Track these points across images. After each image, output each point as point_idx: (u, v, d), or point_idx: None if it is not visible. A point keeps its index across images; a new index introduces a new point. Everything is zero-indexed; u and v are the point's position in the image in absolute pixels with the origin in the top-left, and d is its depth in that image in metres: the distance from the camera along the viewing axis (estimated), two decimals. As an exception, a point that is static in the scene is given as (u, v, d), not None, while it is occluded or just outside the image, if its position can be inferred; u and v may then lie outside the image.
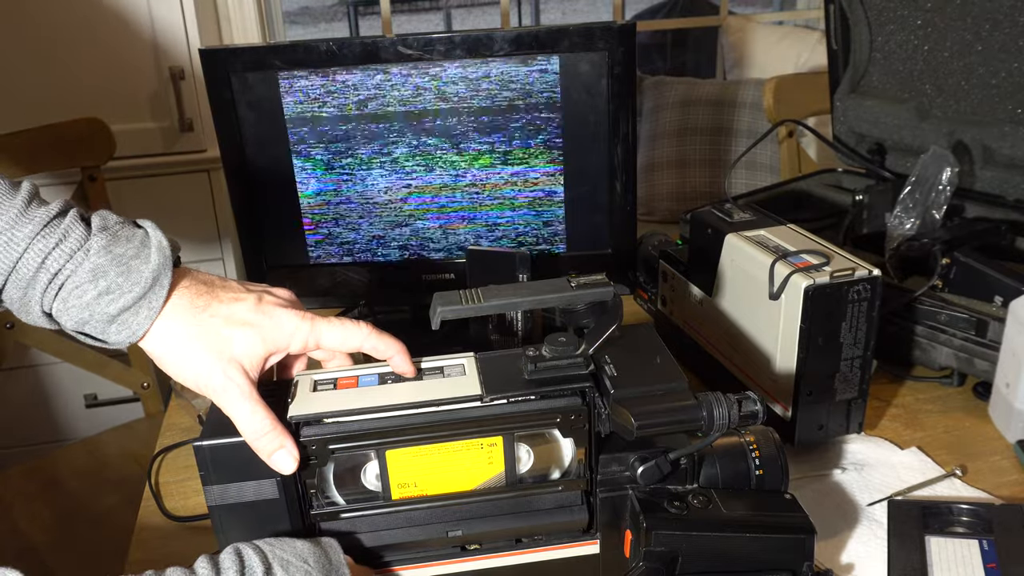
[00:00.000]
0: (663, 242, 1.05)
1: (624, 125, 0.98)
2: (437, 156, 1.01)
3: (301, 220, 1.04)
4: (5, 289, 0.55)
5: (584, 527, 0.64)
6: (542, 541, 0.64)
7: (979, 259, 0.96)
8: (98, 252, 0.55)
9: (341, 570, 0.56)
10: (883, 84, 1.24)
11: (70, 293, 0.55)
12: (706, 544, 0.60)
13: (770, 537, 0.61)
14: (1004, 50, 1.07)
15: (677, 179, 2.46)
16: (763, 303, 0.79)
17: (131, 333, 0.56)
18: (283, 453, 0.56)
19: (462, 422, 0.59)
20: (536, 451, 0.61)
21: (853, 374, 0.79)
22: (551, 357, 0.61)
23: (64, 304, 0.55)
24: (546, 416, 0.60)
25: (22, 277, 0.54)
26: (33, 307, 0.55)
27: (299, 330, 0.60)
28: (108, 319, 0.55)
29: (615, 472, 0.62)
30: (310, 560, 0.54)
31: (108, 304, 0.55)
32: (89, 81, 1.82)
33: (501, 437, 0.60)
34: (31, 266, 0.54)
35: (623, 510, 0.63)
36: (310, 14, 9.22)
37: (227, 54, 0.97)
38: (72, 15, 1.78)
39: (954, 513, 0.72)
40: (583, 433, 0.61)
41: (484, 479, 0.61)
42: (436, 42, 0.95)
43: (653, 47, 3.90)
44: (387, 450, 0.59)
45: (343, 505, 0.61)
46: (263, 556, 0.53)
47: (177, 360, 0.57)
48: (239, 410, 0.56)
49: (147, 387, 1.68)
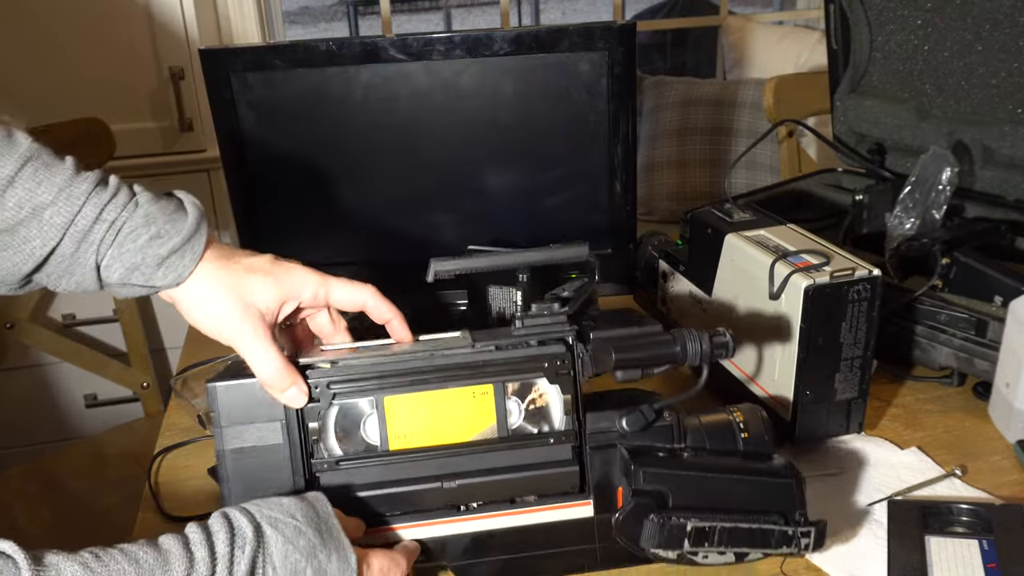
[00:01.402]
0: (663, 242, 1.05)
1: (624, 125, 0.98)
2: (437, 156, 1.01)
3: (301, 220, 1.04)
4: (60, 245, 0.59)
5: (576, 483, 0.66)
6: (535, 501, 0.66)
7: (979, 259, 0.96)
8: (147, 203, 0.61)
9: (329, 521, 0.58)
10: (883, 84, 1.24)
11: (125, 238, 0.60)
12: (694, 484, 0.63)
13: (757, 480, 0.64)
14: (1004, 50, 1.07)
15: (677, 179, 2.46)
16: (763, 303, 0.79)
17: (177, 276, 0.61)
18: (293, 390, 0.61)
19: (454, 367, 0.64)
20: (526, 408, 0.65)
21: (853, 374, 0.79)
22: (535, 314, 0.66)
23: (118, 250, 0.60)
24: (532, 362, 0.65)
25: (80, 229, 0.59)
26: (87, 259, 0.60)
27: (311, 281, 0.66)
28: (158, 262, 0.60)
29: (603, 429, 0.66)
30: (298, 515, 0.56)
31: (159, 247, 0.60)
32: (89, 81, 1.82)
33: (492, 386, 0.64)
34: (89, 217, 0.59)
35: (613, 469, 0.66)
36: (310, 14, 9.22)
37: (227, 54, 0.97)
38: (72, 15, 1.78)
39: (954, 513, 0.72)
40: (568, 380, 0.65)
41: (477, 431, 0.65)
42: (436, 42, 0.95)
43: (653, 47, 3.91)
44: (385, 396, 0.63)
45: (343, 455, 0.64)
46: (251, 516, 0.55)
47: (204, 304, 0.62)
48: (254, 349, 0.61)
49: (147, 387, 1.68)
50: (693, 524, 0.61)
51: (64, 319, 1.92)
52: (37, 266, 0.60)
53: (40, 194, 0.59)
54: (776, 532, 0.62)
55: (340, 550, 0.57)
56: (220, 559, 0.52)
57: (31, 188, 0.58)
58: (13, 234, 0.59)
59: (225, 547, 0.52)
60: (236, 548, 0.53)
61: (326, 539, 0.57)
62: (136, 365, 1.68)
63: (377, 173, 1.02)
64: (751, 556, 0.63)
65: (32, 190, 0.58)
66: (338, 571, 0.56)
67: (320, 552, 0.56)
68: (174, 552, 0.51)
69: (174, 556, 0.51)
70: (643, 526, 0.62)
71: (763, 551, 0.63)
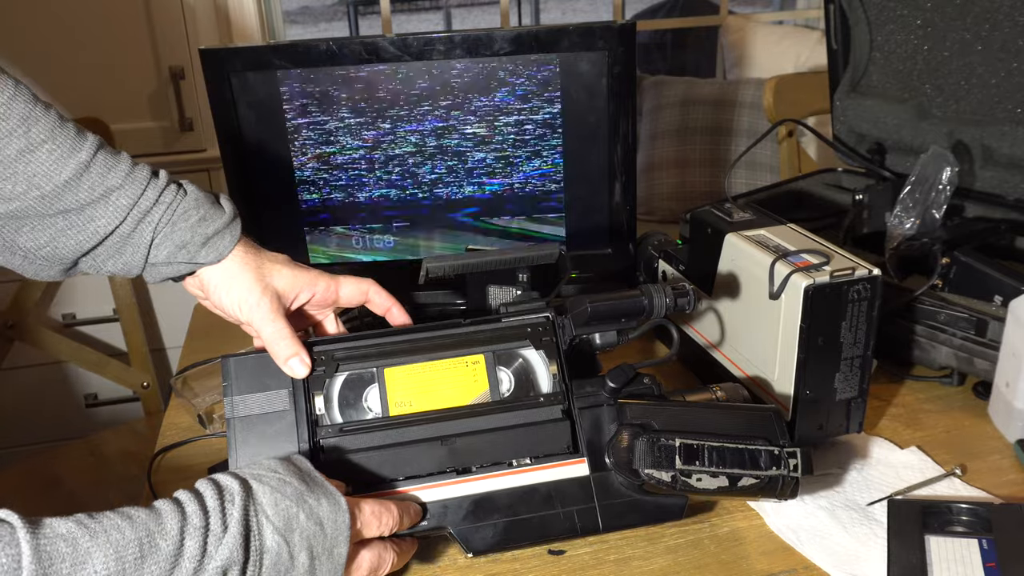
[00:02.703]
0: (663, 242, 1.05)
1: (624, 125, 0.98)
2: (437, 156, 1.01)
3: (301, 220, 1.04)
4: (122, 224, 0.67)
5: (568, 441, 0.69)
6: (532, 462, 0.69)
7: (979, 259, 0.96)
8: (193, 192, 0.70)
9: (312, 473, 0.62)
10: (883, 84, 1.24)
11: (179, 218, 0.68)
12: (679, 415, 0.69)
13: (739, 411, 0.71)
14: (1004, 50, 1.07)
15: (677, 179, 2.46)
16: (763, 303, 0.79)
17: (218, 254, 0.69)
18: (297, 360, 0.68)
19: (446, 338, 0.72)
20: (516, 378, 0.72)
21: (853, 374, 0.79)
22: (517, 301, 0.76)
23: (171, 228, 0.68)
24: (517, 331, 0.73)
25: (142, 210, 0.67)
26: (142, 238, 0.67)
27: (323, 278, 0.74)
28: (203, 241, 0.69)
29: (589, 392, 0.72)
30: (279, 468, 0.60)
31: (206, 227, 0.69)
32: (89, 81, 1.82)
33: (482, 355, 0.71)
34: (150, 199, 0.67)
35: (604, 429, 0.70)
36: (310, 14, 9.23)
37: (227, 54, 0.97)
38: (72, 15, 1.78)
39: (954, 512, 0.72)
40: (552, 346, 0.72)
41: (472, 397, 0.71)
42: (436, 41, 0.95)
43: (653, 47, 3.91)
44: (385, 368, 0.70)
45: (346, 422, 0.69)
46: (234, 474, 0.59)
47: (231, 281, 0.70)
48: (266, 321, 0.69)
49: (147, 387, 1.68)
50: (681, 440, 0.66)
51: (64, 319, 1.92)
52: (95, 245, 0.67)
53: (110, 178, 0.66)
54: (763, 452, 0.66)
55: (328, 495, 0.60)
56: (212, 512, 0.54)
57: (103, 172, 0.66)
58: (81, 213, 0.66)
59: (215, 501, 0.55)
60: (226, 501, 0.56)
61: (312, 486, 0.60)
62: (136, 365, 1.68)
63: (377, 172, 1.02)
64: (744, 481, 0.66)
65: (104, 174, 0.66)
66: (330, 511, 0.59)
67: (308, 497, 0.59)
68: (165, 509, 0.53)
69: (166, 512, 0.53)
70: (635, 447, 0.66)
71: (753, 473, 0.66)
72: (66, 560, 0.47)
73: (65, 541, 0.48)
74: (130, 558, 0.49)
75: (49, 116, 0.65)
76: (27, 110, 0.63)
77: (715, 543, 0.73)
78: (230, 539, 0.54)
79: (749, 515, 0.76)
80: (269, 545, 0.56)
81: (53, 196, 0.64)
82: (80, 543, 0.48)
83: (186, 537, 0.52)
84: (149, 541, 0.51)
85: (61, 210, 0.65)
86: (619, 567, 0.70)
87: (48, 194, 0.64)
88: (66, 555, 0.47)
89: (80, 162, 0.65)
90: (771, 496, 0.68)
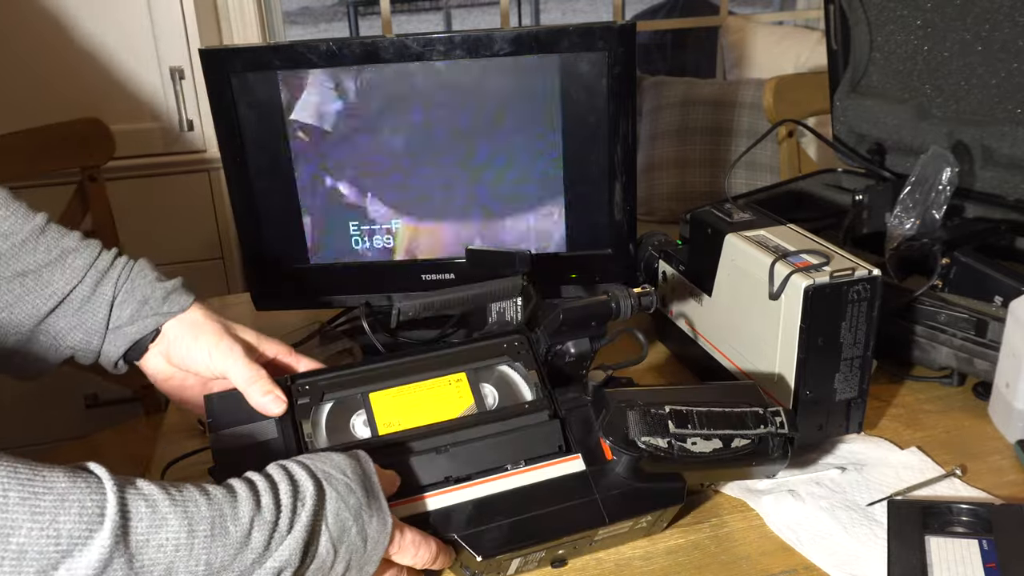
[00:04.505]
0: (663, 242, 1.05)
1: (624, 125, 0.98)
2: (436, 156, 1.01)
3: (301, 220, 1.04)
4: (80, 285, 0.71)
5: (560, 441, 0.70)
6: (526, 465, 0.69)
7: (979, 259, 0.96)
8: (142, 259, 0.76)
9: (373, 479, 0.62)
10: (883, 84, 1.24)
11: (137, 275, 0.73)
12: (660, 393, 0.71)
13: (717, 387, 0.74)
14: (1004, 50, 1.07)
15: (677, 179, 2.46)
16: (763, 303, 0.79)
17: (182, 305, 0.73)
18: (271, 397, 0.68)
19: (427, 361, 0.73)
20: (500, 391, 0.73)
21: (853, 374, 0.79)
22: (492, 324, 0.81)
23: (131, 285, 0.73)
24: (494, 349, 0.74)
25: (99, 270, 0.72)
26: (103, 297, 0.72)
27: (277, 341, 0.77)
28: (164, 295, 0.73)
29: (573, 397, 0.73)
30: (348, 471, 0.60)
31: (164, 284, 0.74)
32: (89, 81, 1.82)
33: (464, 373, 0.73)
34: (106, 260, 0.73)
35: (592, 427, 0.71)
36: (310, 14, 9.23)
37: (227, 54, 0.97)
38: (72, 15, 1.78)
39: (954, 513, 0.72)
40: (529, 357, 0.74)
41: (458, 413, 0.71)
42: (436, 42, 0.95)
43: (653, 47, 3.91)
44: (370, 392, 0.70)
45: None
46: (309, 471, 0.58)
47: (196, 332, 0.73)
48: (236, 366, 0.70)
49: (148, 387, 1.68)
50: (671, 407, 0.68)
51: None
52: (53, 308, 0.70)
53: (66, 241, 0.71)
54: (748, 413, 0.69)
55: (380, 512, 0.60)
56: (284, 509, 0.55)
57: (58, 237, 0.71)
58: (39, 276, 0.70)
59: (288, 498, 0.56)
60: (298, 502, 0.56)
61: (371, 499, 0.60)
62: (136, 365, 1.67)
63: (377, 172, 1.02)
64: (737, 442, 0.68)
65: (58, 239, 0.71)
66: (377, 530, 0.59)
67: (365, 512, 0.59)
68: (242, 495, 0.54)
69: (242, 498, 0.54)
70: (627, 419, 0.67)
71: (743, 433, 0.68)
72: (144, 519, 0.49)
73: (147, 502, 0.50)
74: (201, 534, 0.51)
75: (2, 190, 0.70)
76: None
77: (715, 543, 0.73)
78: (292, 541, 0.54)
79: (749, 515, 0.76)
80: (321, 552, 0.56)
81: (10, 255, 0.69)
82: (160, 507, 0.50)
83: (254, 528, 0.53)
84: (221, 523, 0.52)
85: (18, 272, 0.69)
86: (620, 568, 0.70)
87: (5, 253, 0.69)
88: (145, 514, 0.49)
89: (36, 226, 0.70)
90: (767, 462, 0.69)
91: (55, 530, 0.46)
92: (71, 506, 0.47)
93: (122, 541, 0.47)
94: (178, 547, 0.50)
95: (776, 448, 0.69)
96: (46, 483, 0.47)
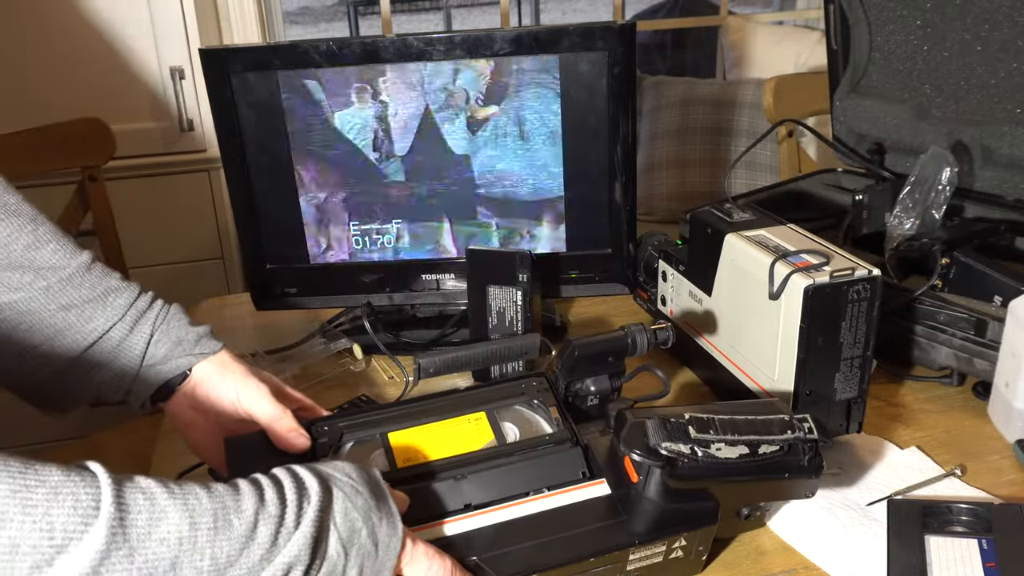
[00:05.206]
0: (663, 242, 1.05)
1: (624, 125, 0.98)
2: (437, 155, 1.01)
3: (301, 220, 1.04)
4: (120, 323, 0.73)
5: (584, 468, 0.68)
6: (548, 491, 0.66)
7: (979, 259, 0.96)
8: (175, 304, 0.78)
9: (381, 485, 0.60)
10: (883, 84, 1.24)
11: (173, 317, 0.76)
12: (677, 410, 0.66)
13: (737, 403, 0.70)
14: (1004, 50, 1.07)
15: (677, 179, 2.46)
16: (763, 303, 0.79)
17: (213, 347, 0.76)
18: (295, 433, 0.70)
19: (446, 402, 0.74)
20: (520, 428, 0.73)
21: (853, 374, 0.79)
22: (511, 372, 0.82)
23: (167, 326, 0.75)
24: (513, 389, 0.75)
25: (139, 309, 0.74)
26: (140, 335, 0.74)
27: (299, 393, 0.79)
28: (196, 338, 0.76)
29: (595, 429, 0.71)
30: (353, 475, 0.59)
31: (196, 327, 0.77)
32: (89, 81, 1.82)
33: (484, 412, 0.73)
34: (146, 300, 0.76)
35: (614, 452, 0.67)
36: (310, 14, 9.23)
37: (227, 54, 0.97)
38: (72, 15, 1.78)
39: (953, 512, 0.72)
40: (548, 395, 0.74)
41: (478, 447, 0.70)
42: (436, 42, 0.95)
43: (653, 47, 3.90)
44: (389, 432, 0.71)
45: None
46: (314, 471, 0.58)
47: (224, 371, 0.75)
48: (262, 403, 0.72)
49: (147, 387, 1.68)
50: (690, 414, 0.65)
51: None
52: (92, 343, 0.72)
53: (109, 280, 0.74)
54: (774, 420, 0.65)
55: (390, 516, 0.58)
56: (289, 504, 0.54)
57: (102, 275, 0.74)
58: (81, 311, 0.72)
59: (293, 494, 0.55)
60: (303, 498, 0.55)
61: (379, 502, 0.58)
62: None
63: (377, 172, 1.02)
64: (764, 448, 0.64)
65: (103, 277, 0.74)
66: (387, 535, 0.58)
67: (374, 514, 0.57)
68: (245, 489, 0.53)
69: (245, 492, 0.53)
70: (646, 428, 0.64)
71: (771, 439, 0.64)
72: (143, 512, 0.48)
73: (144, 495, 0.49)
74: (204, 527, 0.50)
75: (52, 224, 0.72)
76: (35, 213, 0.70)
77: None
78: (300, 537, 0.53)
79: (749, 515, 0.76)
80: (331, 553, 0.55)
81: (58, 289, 0.70)
82: (158, 500, 0.49)
83: (259, 523, 0.52)
84: (224, 516, 0.51)
85: (63, 305, 0.71)
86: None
87: (53, 286, 0.70)
88: (143, 507, 0.48)
89: (82, 262, 0.72)
90: (800, 474, 0.65)
91: (48, 523, 0.45)
92: (65, 499, 0.46)
93: (120, 534, 0.47)
94: (181, 540, 0.48)
95: (806, 454, 0.65)
96: (39, 477, 0.47)
